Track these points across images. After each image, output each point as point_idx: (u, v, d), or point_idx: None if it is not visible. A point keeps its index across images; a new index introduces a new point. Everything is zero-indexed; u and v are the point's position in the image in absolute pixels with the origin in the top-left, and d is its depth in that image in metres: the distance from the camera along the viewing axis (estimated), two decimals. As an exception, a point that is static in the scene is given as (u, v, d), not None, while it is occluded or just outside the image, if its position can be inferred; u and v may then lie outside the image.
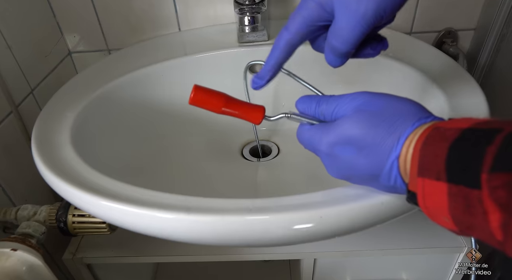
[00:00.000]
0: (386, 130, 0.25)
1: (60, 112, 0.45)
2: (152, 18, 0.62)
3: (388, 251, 0.50)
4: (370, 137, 0.26)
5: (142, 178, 0.48)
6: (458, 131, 0.21)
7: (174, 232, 0.31)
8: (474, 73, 0.64)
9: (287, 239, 0.30)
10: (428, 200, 0.23)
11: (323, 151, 0.29)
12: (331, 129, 0.28)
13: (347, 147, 0.27)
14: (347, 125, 0.27)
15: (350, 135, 0.26)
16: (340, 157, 0.27)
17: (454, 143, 0.21)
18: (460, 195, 0.20)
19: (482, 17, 0.61)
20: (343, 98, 0.28)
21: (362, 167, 0.26)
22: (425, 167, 0.22)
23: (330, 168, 0.29)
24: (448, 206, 0.21)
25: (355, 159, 0.26)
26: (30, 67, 0.54)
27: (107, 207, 0.32)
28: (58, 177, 0.35)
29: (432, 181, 0.22)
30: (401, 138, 0.24)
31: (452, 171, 0.21)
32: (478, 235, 0.21)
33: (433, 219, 0.24)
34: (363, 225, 0.30)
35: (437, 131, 0.23)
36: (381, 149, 0.25)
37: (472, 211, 0.20)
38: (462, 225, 0.21)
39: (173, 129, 0.56)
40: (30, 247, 0.39)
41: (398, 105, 0.26)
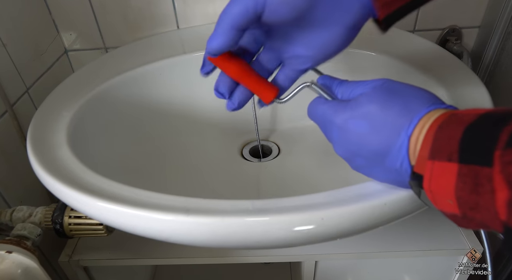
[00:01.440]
0: (401, 109, 0.26)
1: (56, 111, 0.45)
2: (150, 15, 0.62)
3: (390, 253, 0.50)
4: (384, 114, 0.26)
5: (140, 178, 0.48)
6: (476, 115, 0.22)
7: (173, 234, 0.31)
8: (479, 71, 0.64)
9: (288, 241, 0.30)
10: (434, 182, 0.23)
11: (337, 124, 0.29)
12: (348, 104, 0.29)
13: (361, 122, 0.27)
14: (364, 100, 0.28)
15: (365, 110, 0.27)
16: (352, 131, 0.28)
17: (470, 125, 0.22)
18: (469, 175, 0.21)
19: (487, 15, 0.61)
20: (363, 81, 0.30)
21: (372, 143, 0.27)
22: (438, 149, 0.23)
23: (338, 143, 0.30)
24: (454, 187, 0.21)
25: (367, 134, 0.27)
26: (26, 65, 0.54)
27: (104, 208, 0.32)
28: (54, 177, 0.35)
29: (442, 163, 0.22)
30: (414, 119, 0.25)
31: (465, 151, 0.21)
32: (481, 216, 0.21)
33: (435, 203, 0.24)
34: (365, 226, 0.30)
35: (454, 117, 0.23)
36: (394, 127, 0.26)
37: (480, 190, 0.20)
38: (466, 206, 0.21)
39: (172, 129, 0.56)
40: (25, 249, 0.39)
41: (415, 89, 0.28)
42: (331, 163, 0.52)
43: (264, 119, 0.60)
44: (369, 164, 0.28)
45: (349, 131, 0.28)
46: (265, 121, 0.60)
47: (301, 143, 0.57)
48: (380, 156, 0.27)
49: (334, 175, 0.50)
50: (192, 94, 0.57)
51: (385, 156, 0.27)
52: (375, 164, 0.28)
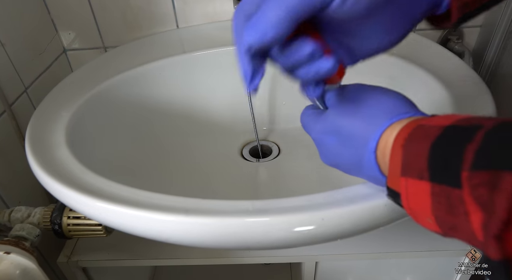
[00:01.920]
0: (364, 122, 0.26)
1: (55, 111, 0.45)
2: (149, 14, 0.62)
3: (391, 254, 0.50)
4: (349, 128, 0.27)
5: (139, 179, 0.48)
6: (440, 129, 0.21)
7: (172, 235, 0.31)
8: (480, 71, 0.64)
9: (288, 242, 0.30)
10: (412, 200, 0.23)
11: (313, 138, 0.31)
12: (321, 118, 0.29)
13: (331, 136, 0.28)
14: (331, 114, 0.29)
15: (333, 124, 0.28)
16: (326, 145, 0.29)
17: (435, 141, 0.21)
18: (442, 195, 0.20)
19: (488, 14, 0.61)
20: (338, 89, 0.30)
21: (344, 156, 0.28)
22: (408, 166, 0.22)
23: (321, 155, 0.31)
24: (431, 207, 0.21)
25: (338, 148, 0.28)
26: (24, 65, 0.54)
27: (103, 209, 0.32)
28: (53, 178, 0.35)
29: (415, 181, 0.22)
30: (376, 132, 0.25)
31: (434, 169, 0.21)
32: (461, 237, 0.21)
33: (417, 221, 0.24)
34: (366, 227, 0.30)
35: (420, 129, 0.23)
36: (359, 140, 0.26)
37: (455, 211, 0.20)
38: (444, 226, 0.21)
39: (171, 129, 0.56)
40: (24, 250, 0.39)
41: (381, 98, 0.27)
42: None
43: (264, 119, 0.60)
44: (352, 171, 0.29)
45: (325, 145, 0.29)
46: (265, 121, 0.60)
47: (301, 143, 0.57)
48: (356, 166, 0.28)
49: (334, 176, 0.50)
50: (192, 93, 0.57)
51: (360, 167, 0.27)
52: (357, 172, 0.29)
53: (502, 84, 0.61)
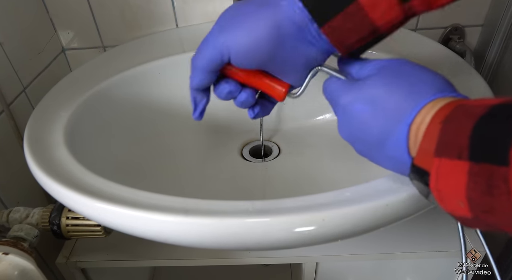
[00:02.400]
0: (404, 94, 0.25)
1: (54, 111, 0.45)
2: (148, 14, 0.62)
3: (392, 255, 0.50)
4: (387, 98, 0.26)
5: (139, 179, 0.48)
6: (486, 107, 0.21)
7: (172, 235, 0.31)
8: (482, 70, 0.64)
9: (288, 243, 0.30)
10: (442, 182, 0.22)
11: (341, 106, 0.29)
12: (354, 86, 0.28)
13: (363, 106, 0.27)
14: (369, 83, 0.27)
15: (369, 92, 0.27)
16: (355, 114, 0.28)
17: (480, 120, 0.20)
18: (482, 174, 0.19)
19: (490, 13, 0.61)
20: (376, 60, 0.29)
21: (372, 128, 0.26)
22: (445, 145, 0.21)
23: (342, 126, 0.29)
24: (465, 188, 0.20)
25: (368, 118, 0.27)
26: (22, 64, 0.54)
27: (102, 209, 0.32)
28: (52, 178, 0.35)
29: (451, 161, 0.21)
30: (417, 106, 0.24)
31: (476, 148, 0.20)
32: (496, 220, 0.20)
33: (443, 204, 0.23)
34: (367, 227, 0.30)
35: (461, 108, 0.22)
36: (395, 113, 0.25)
37: (494, 192, 0.19)
38: (479, 208, 0.20)
39: (171, 129, 0.56)
40: (22, 251, 0.39)
41: (423, 72, 0.27)
42: (332, 163, 0.52)
43: (264, 119, 0.60)
44: (370, 149, 0.28)
45: (352, 114, 0.28)
46: (265, 120, 0.60)
47: (302, 143, 0.57)
48: (379, 142, 0.26)
49: (335, 176, 0.50)
50: (191, 93, 0.57)
51: (384, 142, 0.26)
52: (376, 150, 0.27)
53: (504, 84, 0.61)
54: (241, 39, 0.29)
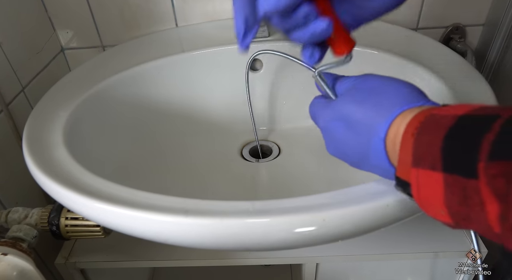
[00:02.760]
0: (374, 109, 0.26)
1: (53, 111, 0.45)
2: (148, 13, 0.62)
3: (393, 256, 0.50)
4: (359, 115, 0.27)
5: (138, 179, 0.48)
6: (454, 118, 0.21)
7: (171, 236, 0.31)
8: (483, 70, 0.64)
9: (289, 243, 0.30)
10: (423, 191, 0.22)
11: (321, 126, 0.31)
12: (329, 106, 0.30)
13: (339, 123, 0.28)
14: (341, 101, 0.29)
15: (342, 111, 0.28)
16: (333, 132, 0.29)
17: (449, 131, 0.21)
18: (456, 185, 0.20)
19: (491, 12, 0.61)
20: (348, 78, 0.30)
21: (351, 144, 0.28)
22: (420, 157, 0.22)
23: (327, 144, 0.31)
24: (443, 198, 0.21)
25: (346, 135, 0.28)
26: (21, 64, 0.54)
27: (101, 209, 0.32)
28: (50, 178, 0.35)
29: (427, 171, 0.22)
30: (387, 120, 0.25)
31: (447, 160, 0.20)
32: (475, 228, 0.21)
33: (427, 212, 0.24)
34: (367, 228, 0.30)
35: (432, 118, 0.23)
36: (368, 128, 0.26)
37: (469, 202, 0.19)
38: (458, 217, 0.21)
39: (170, 129, 0.56)
40: (21, 251, 0.39)
41: (392, 86, 0.27)
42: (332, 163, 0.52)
43: (264, 119, 0.60)
44: (358, 162, 0.29)
45: (331, 132, 0.29)
46: (265, 120, 0.60)
47: (302, 143, 0.57)
48: (363, 155, 0.27)
49: (336, 176, 0.50)
50: (191, 93, 0.57)
51: (367, 155, 0.27)
52: (363, 162, 0.28)
53: (505, 83, 0.61)
54: None
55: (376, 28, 0.58)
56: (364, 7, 0.28)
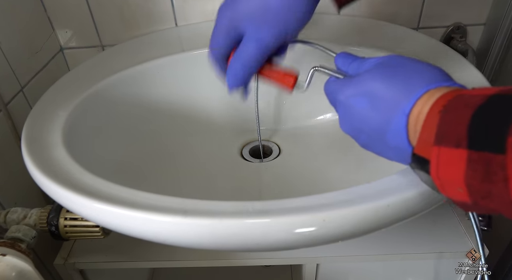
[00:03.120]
0: (400, 85, 0.26)
1: (52, 111, 0.45)
2: (147, 12, 0.62)
3: (394, 256, 0.50)
4: (384, 90, 0.27)
5: (137, 179, 0.48)
6: (484, 97, 0.21)
7: (171, 236, 0.31)
8: (484, 70, 0.64)
9: (289, 243, 0.30)
10: (443, 169, 0.22)
11: (341, 101, 0.30)
12: (352, 81, 0.30)
13: (362, 98, 0.28)
14: (365, 77, 0.29)
15: (366, 86, 0.28)
16: (355, 108, 0.29)
17: (478, 109, 0.21)
18: (480, 162, 0.20)
19: (492, 12, 0.61)
20: (370, 58, 0.31)
21: (371, 120, 0.28)
22: (444, 134, 0.22)
23: (343, 120, 0.31)
24: (464, 175, 0.21)
25: (368, 110, 0.28)
26: (20, 63, 0.54)
27: (100, 210, 0.32)
28: (49, 178, 0.35)
29: (450, 149, 0.22)
30: (413, 96, 0.25)
31: (474, 137, 0.20)
32: (494, 205, 0.21)
33: (443, 190, 0.24)
34: (368, 228, 0.30)
35: (460, 98, 0.23)
36: (392, 103, 0.26)
37: (492, 178, 0.20)
38: (477, 194, 0.21)
39: (170, 129, 0.56)
40: (20, 252, 0.39)
41: (419, 65, 0.28)
42: (333, 163, 0.52)
43: (264, 119, 0.60)
44: (372, 141, 0.29)
45: (351, 108, 0.29)
46: (265, 120, 0.60)
47: (302, 143, 0.56)
48: (380, 133, 0.27)
49: (336, 176, 0.50)
50: (191, 93, 0.57)
51: (384, 133, 0.27)
52: (378, 141, 0.28)
53: (506, 83, 0.61)
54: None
55: (377, 27, 0.58)
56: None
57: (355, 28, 0.58)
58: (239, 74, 0.35)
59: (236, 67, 0.35)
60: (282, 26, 0.32)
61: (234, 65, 0.35)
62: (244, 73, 0.35)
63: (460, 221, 0.53)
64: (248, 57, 0.34)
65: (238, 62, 0.35)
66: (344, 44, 0.52)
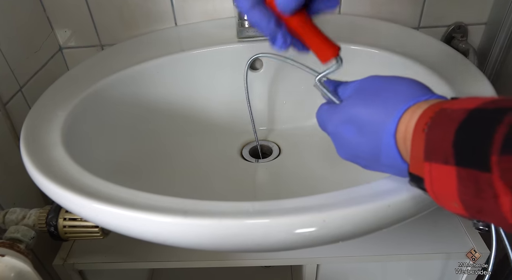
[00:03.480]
0: (380, 107, 0.27)
1: (51, 110, 0.45)
2: (147, 12, 0.62)
3: (394, 257, 0.50)
4: (367, 115, 0.28)
5: (137, 180, 0.48)
6: (465, 112, 0.22)
7: (170, 237, 0.31)
8: (485, 70, 0.64)
9: (289, 244, 0.30)
10: (436, 185, 0.23)
11: (330, 130, 0.31)
12: (337, 109, 0.30)
13: (348, 126, 0.29)
14: (348, 103, 0.30)
15: (350, 113, 0.29)
16: (344, 136, 0.29)
17: (461, 125, 0.21)
18: (469, 179, 0.20)
19: (493, 11, 0.61)
20: (351, 82, 0.31)
21: (362, 145, 0.28)
22: (432, 151, 0.23)
23: (338, 149, 0.31)
24: (457, 191, 0.21)
25: (357, 137, 0.28)
26: (19, 63, 0.54)
27: (99, 210, 0.32)
28: (48, 178, 0.35)
29: (440, 166, 0.22)
30: (395, 116, 0.26)
31: (460, 154, 0.21)
32: (489, 219, 0.21)
33: (441, 205, 0.24)
34: (368, 229, 0.30)
35: (442, 113, 0.23)
36: (378, 126, 0.27)
37: (483, 195, 0.20)
38: (472, 209, 0.21)
39: (169, 129, 0.56)
40: (19, 252, 0.39)
41: (396, 83, 0.28)
42: (333, 163, 0.52)
43: (264, 119, 0.60)
44: (370, 163, 0.29)
45: (341, 136, 0.30)
46: (265, 120, 0.60)
47: (302, 143, 0.57)
48: (374, 156, 0.28)
49: (336, 176, 0.50)
50: (190, 93, 0.57)
51: (378, 155, 0.28)
52: (375, 163, 0.29)
53: (507, 83, 0.61)
54: None
55: (377, 27, 0.58)
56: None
57: (355, 27, 0.58)
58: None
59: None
60: None
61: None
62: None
63: (461, 222, 0.53)
64: None
65: None
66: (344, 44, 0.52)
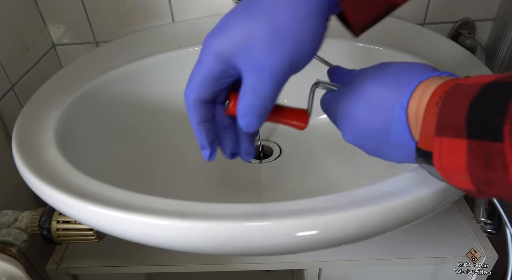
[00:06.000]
0: (393, 83, 0.28)
1: (44, 109, 0.45)
2: (143, 7, 0.62)
3: (398, 261, 0.50)
4: (379, 91, 0.28)
5: (133, 181, 0.48)
6: (480, 86, 0.22)
7: (168, 240, 0.31)
8: (493, 67, 0.64)
9: (290, 247, 0.30)
10: (445, 159, 0.24)
11: (340, 110, 0.31)
12: (347, 90, 0.31)
13: (360, 103, 0.29)
14: (359, 83, 0.30)
15: (362, 91, 0.29)
16: (354, 114, 0.30)
17: (475, 98, 0.22)
18: (480, 150, 0.21)
19: (501, 7, 0.61)
20: (363, 69, 0.32)
21: (373, 122, 0.29)
22: (444, 125, 0.23)
23: (344, 130, 0.32)
24: (466, 164, 0.22)
25: (367, 114, 0.29)
26: (11, 60, 0.54)
27: (94, 212, 0.32)
28: (41, 180, 0.35)
29: (451, 139, 0.23)
30: (407, 90, 0.27)
31: (473, 126, 0.22)
32: (497, 191, 0.22)
33: (448, 180, 0.25)
34: (372, 232, 0.30)
35: (457, 87, 0.24)
36: (389, 102, 0.27)
37: (492, 166, 0.21)
38: (480, 182, 0.22)
39: (167, 128, 0.56)
40: (10, 256, 0.39)
41: (406, 63, 0.29)
42: (335, 164, 0.52)
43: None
44: (378, 144, 0.30)
45: (351, 115, 0.30)
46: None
47: (303, 143, 0.57)
48: (383, 134, 0.28)
49: (338, 177, 0.50)
50: (188, 91, 0.57)
51: (387, 133, 0.28)
52: (383, 143, 0.29)
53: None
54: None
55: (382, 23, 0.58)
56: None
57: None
58: (259, 112, 0.29)
59: (254, 103, 0.29)
60: (297, 46, 0.26)
61: (251, 101, 0.29)
62: (264, 111, 0.30)
63: (469, 225, 0.53)
64: (263, 91, 0.29)
65: (253, 98, 0.29)
66: (349, 41, 0.53)
